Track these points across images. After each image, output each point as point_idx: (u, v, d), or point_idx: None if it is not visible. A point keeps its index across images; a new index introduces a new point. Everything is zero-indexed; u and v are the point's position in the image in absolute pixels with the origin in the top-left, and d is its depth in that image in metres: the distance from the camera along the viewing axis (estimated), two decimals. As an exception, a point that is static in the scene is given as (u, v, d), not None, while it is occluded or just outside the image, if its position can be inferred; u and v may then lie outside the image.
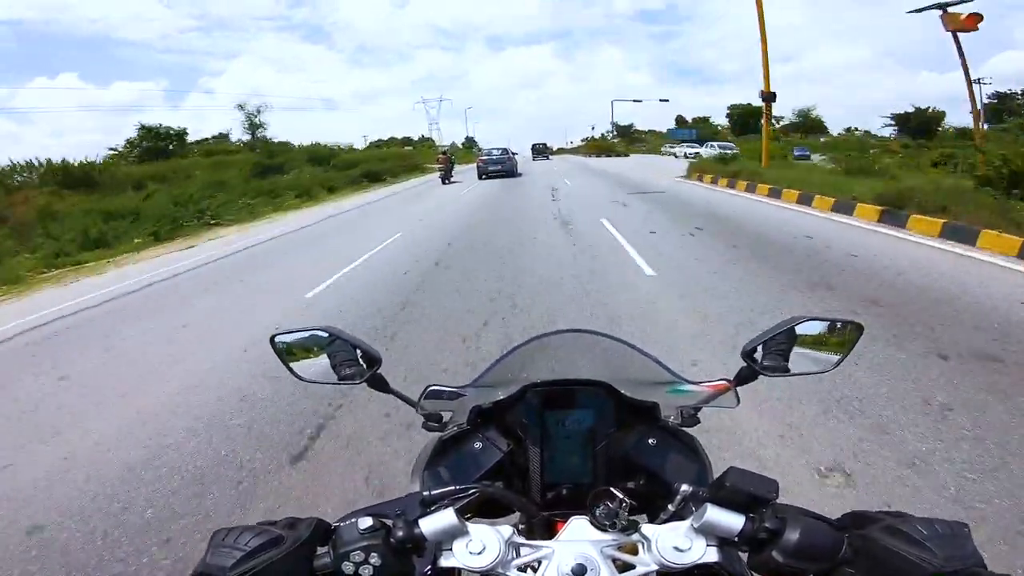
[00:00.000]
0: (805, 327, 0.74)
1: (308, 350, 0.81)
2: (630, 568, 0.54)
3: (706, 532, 0.52)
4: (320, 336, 0.79)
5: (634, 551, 0.54)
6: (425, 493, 0.59)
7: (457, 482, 0.63)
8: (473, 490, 0.61)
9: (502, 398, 0.77)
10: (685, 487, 0.58)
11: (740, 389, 0.77)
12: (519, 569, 0.53)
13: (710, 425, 1.85)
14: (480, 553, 0.52)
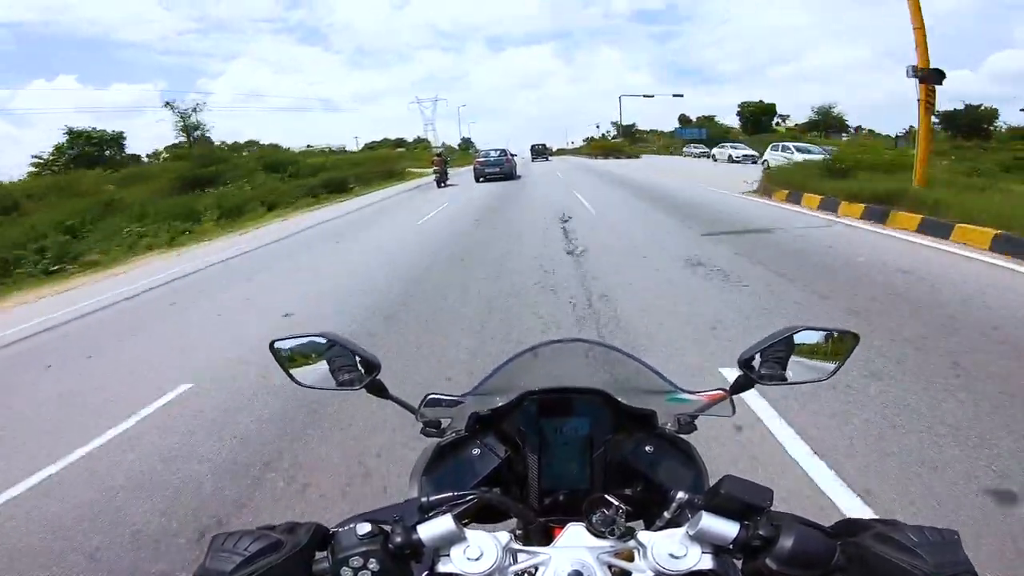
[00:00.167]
0: (802, 336, 0.75)
1: (307, 356, 0.81)
2: (626, 575, 0.54)
3: (701, 539, 0.53)
4: (319, 342, 0.80)
5: (630, 558, 0.55)
6: (423, 499, 0.60)
7: (455, 488, 0.63)
8: (471, 496, 0.61)
9: (500, 405, 0.77)
10: (681, 494, 0.58)
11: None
12: (516, 575, 0.54)
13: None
14: (478, 559, 0.52)
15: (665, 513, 0.59)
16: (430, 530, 0.53)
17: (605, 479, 0.74)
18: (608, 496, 0.55)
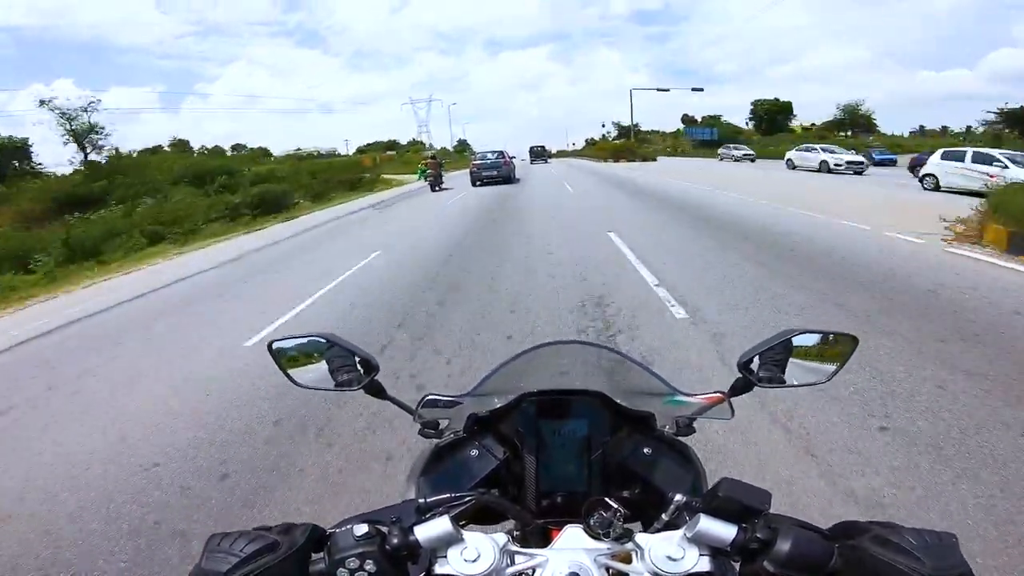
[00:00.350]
0: (801, 339, 0.76)
1: (306, 356, 0.81)
2: None
3: (699, 542, 0.53)
4: (318, 342, 0.80)
5: (628, 560, 0.55)
6: (421, 500, 0.60)
7: (453, 490, 0.63)
8: (468, 498, 0.61)
9: (498, 406, 0.77)
10: (679, 496, 0.58)
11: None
12: None
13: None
14: (475, 561, 0.52)
15: (663, 515, 0.58)
16: (427, 531, 0.53)
17: (603, 481, 0.74)
18: (606, 498, 0.55)
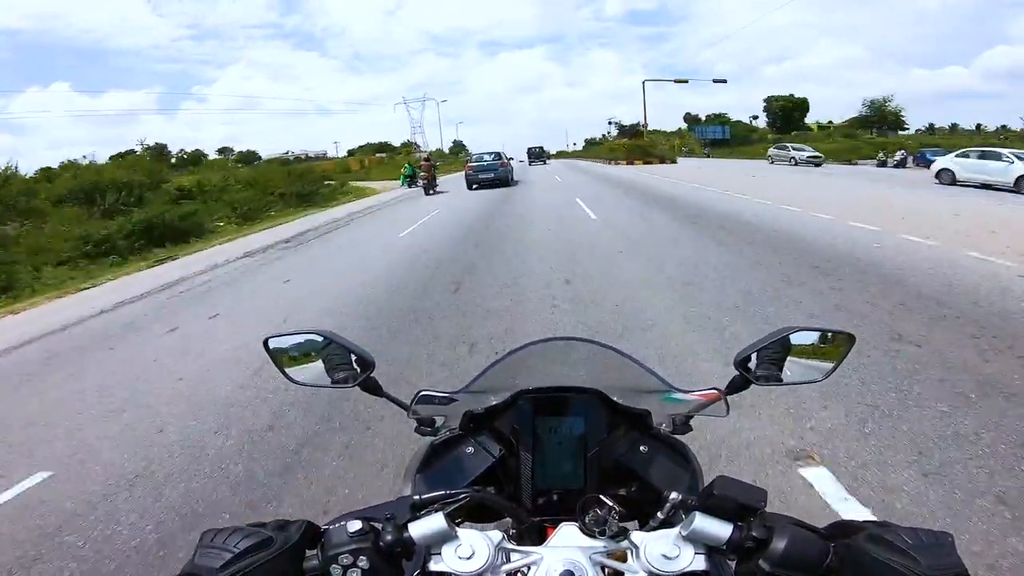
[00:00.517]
0: (798, 337, 0.75)
1: (302, 353, 0.81)
2: (619, 575, 0.54)
3: (694, 540, 0.53)
4: (314, 340, 0.79)
5: (623, 558, 0.54)
6: (415, 497, 0.59)
7: (448, 487, 0.63)
8: (464, 495, 0.61)
9: (494, 404, 0.77)
10: (675, 495, 0.58)
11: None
12: (508, 574, 0.53)
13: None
14: (469, 558, 0.52)
15: (659, 513, 0.58)
16: (421, 528, 0.53)
17: (599, 479, 0.74)
18: (602, 496, 0.55)
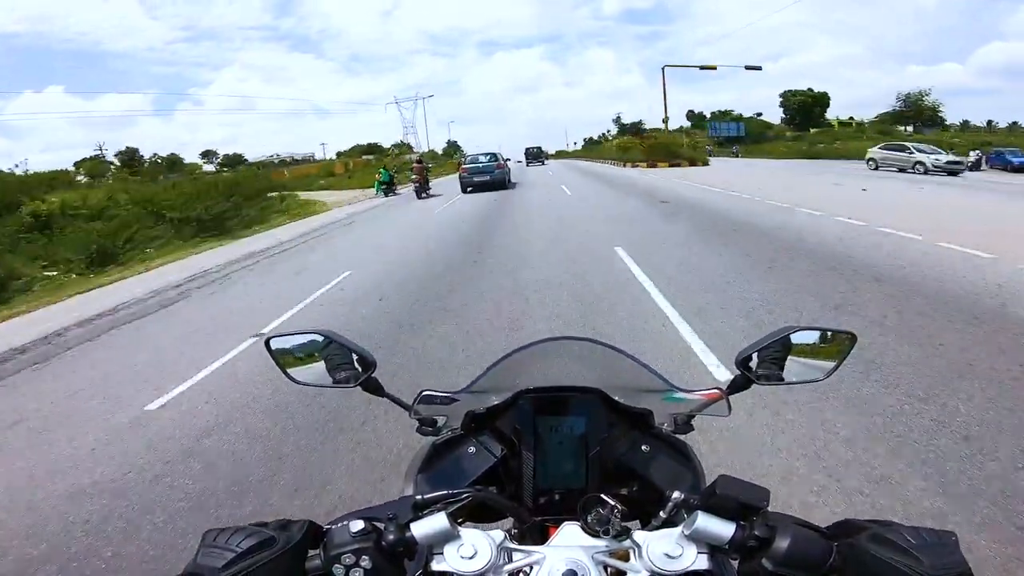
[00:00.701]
0: (799, 336, 0.75)
1: (305, 354, 0.81)
2: (621, 574, 0.54)
3: (697, 539, 0.52)
4: (316, 340, 0.79)
5: (625, 557, 0.54)
6: (417, 497, 0.59)
7: (450, 486, 0.63)
8: (465, 494, 0.61)
9: (496, 403, 0.76)
10: (677, 494, 0.58)
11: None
12: (510, 574, 0.53)
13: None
14: (472, 558, 0.52)
15: (661, 513, 0.58)
16: (423, 528, 0.53)
17: (601, 479, 0.73)
18: (604, 496, 0.55)
